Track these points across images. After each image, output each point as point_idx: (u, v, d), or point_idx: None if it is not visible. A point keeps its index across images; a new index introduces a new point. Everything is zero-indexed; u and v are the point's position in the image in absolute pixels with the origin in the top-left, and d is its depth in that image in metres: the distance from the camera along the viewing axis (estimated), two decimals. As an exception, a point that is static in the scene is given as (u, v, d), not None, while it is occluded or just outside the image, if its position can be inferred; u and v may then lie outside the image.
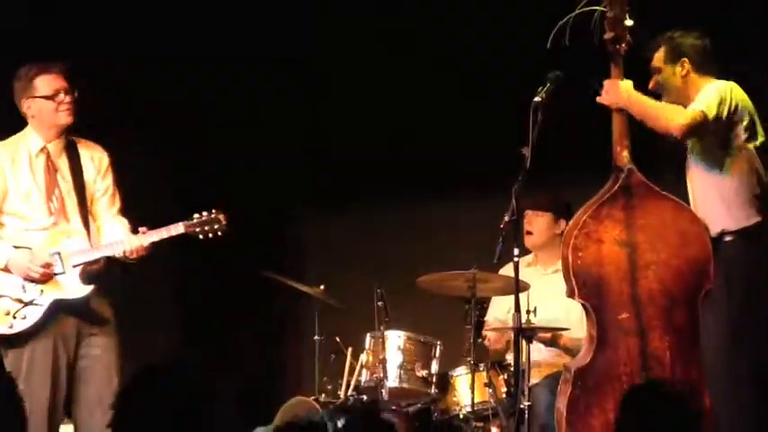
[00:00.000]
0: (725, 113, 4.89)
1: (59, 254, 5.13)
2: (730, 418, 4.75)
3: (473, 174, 7.00)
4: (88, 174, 5.30)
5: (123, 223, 5.32)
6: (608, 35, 4.92)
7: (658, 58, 5.08)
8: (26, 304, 5.10)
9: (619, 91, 4.95)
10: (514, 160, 5.06)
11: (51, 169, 5.25)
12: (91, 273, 5.19)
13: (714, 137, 4.94)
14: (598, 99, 4.99)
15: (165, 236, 5.19)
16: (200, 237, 5.23)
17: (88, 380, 5.16)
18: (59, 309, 5.13)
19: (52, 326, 5.12)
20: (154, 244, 5.19)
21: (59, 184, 5.23)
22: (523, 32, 5.46)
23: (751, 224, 4.91)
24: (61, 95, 5.21)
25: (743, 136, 4.93)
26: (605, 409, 4.79)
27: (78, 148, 5.33)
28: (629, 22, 4.92)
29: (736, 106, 4.92)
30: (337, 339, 6.37)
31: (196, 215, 5.23)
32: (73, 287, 5.14)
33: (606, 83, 4.99)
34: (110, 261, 5.23)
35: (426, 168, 7.36)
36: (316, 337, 6.42)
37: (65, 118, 5.23)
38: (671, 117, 4.89)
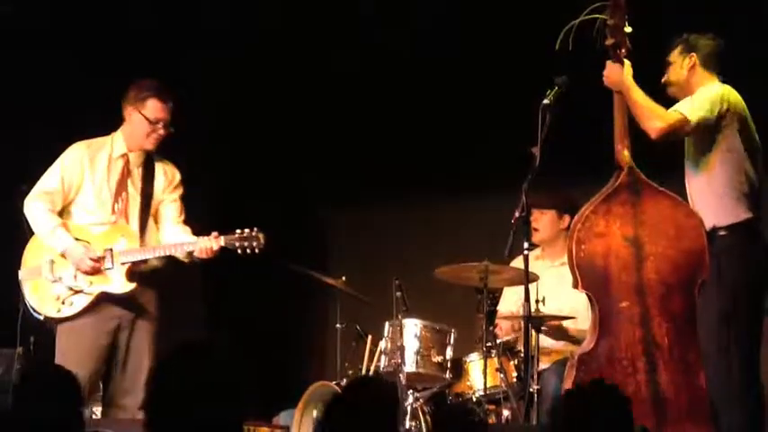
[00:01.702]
0: (712, 118, 5.03)
1: (111, 250, 5.37)
2: (723, 398, 4.92)
3: (486, 172, 7.08)
4: (158, 185, 5.55)
5: (186, 230, 5.54)
6: (609, 41, 5.09)
7: (673, 54, 5.25)
8: (75, 292, 5.38)
9: (619, 73, 5.09)
10: (525, 159, 5.22)
11: (125, 174, 5.50)
12: (137, 271, 5.43)
13: (705, 139, 5.09)
14: (605, 81, 5.13)
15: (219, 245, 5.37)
16: (239, 252, 5.39)
17: (124, 367, 5.41)
18: (105, 300, 5.38)
19: (96, 312, 5.38)
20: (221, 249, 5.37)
21: (128, 189, 5.49)
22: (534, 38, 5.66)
23: (741, 220, 5.03)
24: (159, 126, 5.44)
25: (733, 138, 5.06)
26: (607, 392, 5.07)
27: (154, 161, 5.57)
28: (628, 29, 5.09)
29: (727, 110, 5.05)
30: (358, 327, 6.46)
31: (237, 231, 5.40)
32: (118, 283, 5.39)
33: (608, 65, 5.12)
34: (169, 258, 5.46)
35: (442, 167, 7.45)
36: (337, 326, 6.49)
37: (150, 144, 5.49)
38: (651, 118, 5.01)
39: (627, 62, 5.14)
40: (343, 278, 6.53)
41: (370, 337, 6.40)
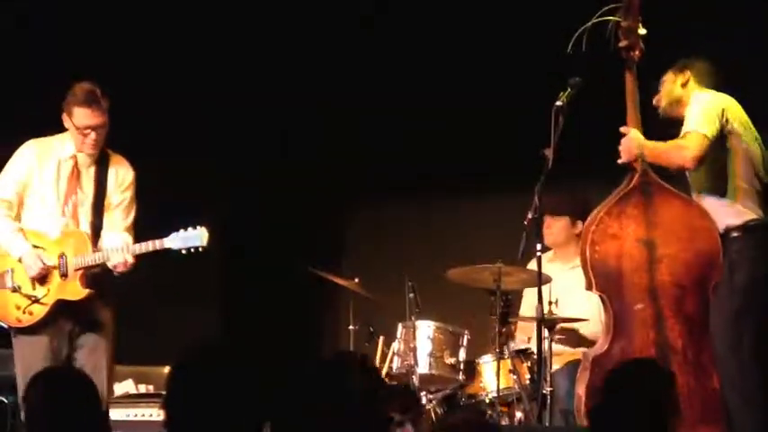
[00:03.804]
0: (719, 126, 5.04)
1: (65, 257, 5.29)
2: (736, 399, 4.93)
3: (499, 174, 7.09)
4: (110, 185, 5.42)
5: (125, 238, 5.39)
6: (622, 43, 5.11)
7: (667, 75, 5.28)
8: (33, 301, 5.29)
9: (633, 147, 5.10)
10: (537, 161, 5.23)
11: (75, 175, 5.39)
12: (92, 276, 5.32)
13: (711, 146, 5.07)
14: (619, 161, 5.15)
15: (150, 249, 5.26)
16: (183, 252, 5.25)
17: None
18: (61, 309, 5.29)
19: (52, 324, 5.29)
20: (139, 256, 5.26)
21: (78, 191, 5.38)
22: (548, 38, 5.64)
23: (753, 218, 5.05)
24: (89, 131, 5.31)
25: (737, 140, 5.08)
26: (621, 394, 5.08)
27: (109, 161, 5.45)
28: (641, 31, 5.11)
29: (723, 110, 5.06)
30: (371, 329, 6.45)
31: (182, 230, 5.25)
32: (73, 289, 5.29)
33: (622, 144, 5.12)
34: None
35: (456, 169, 7.43)
36: (350, 327, 6.48)
37: (88, 149, 5.36)
38: (678, 154, 5.03)
39: (636, 132, 5.13)
40: (357, 280, 6.52)
41: (381, 338, 6.40)
